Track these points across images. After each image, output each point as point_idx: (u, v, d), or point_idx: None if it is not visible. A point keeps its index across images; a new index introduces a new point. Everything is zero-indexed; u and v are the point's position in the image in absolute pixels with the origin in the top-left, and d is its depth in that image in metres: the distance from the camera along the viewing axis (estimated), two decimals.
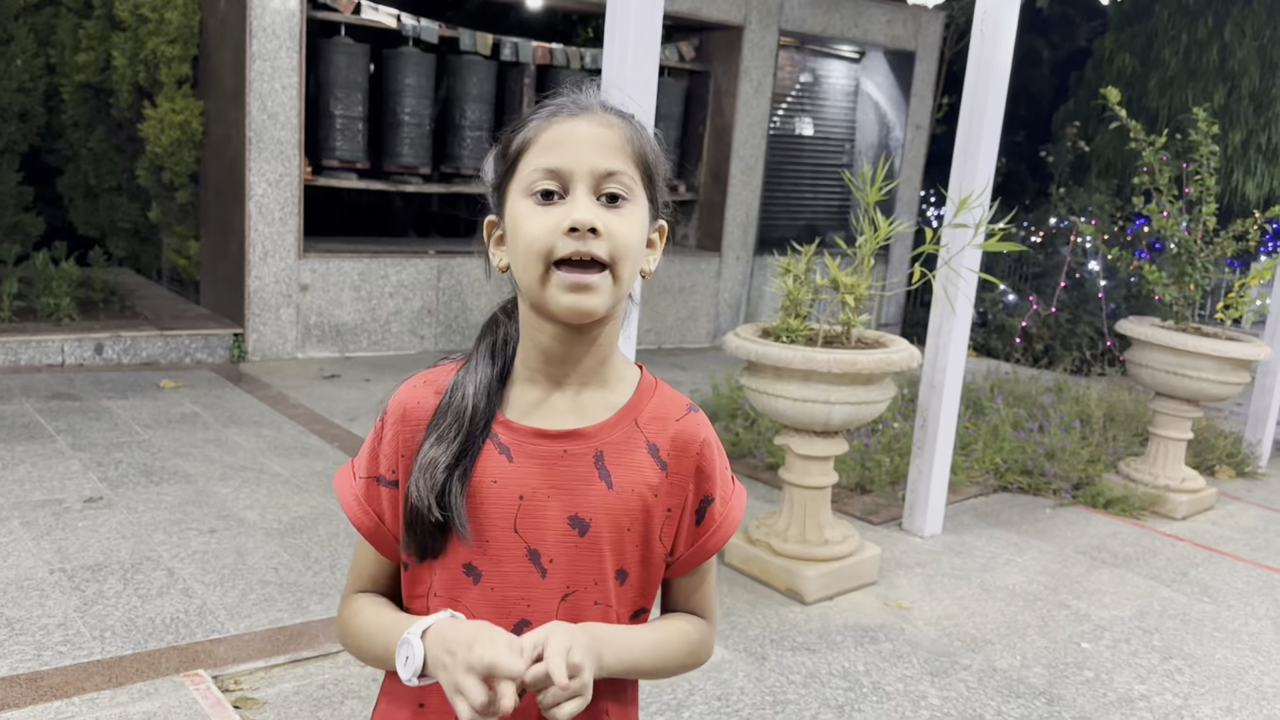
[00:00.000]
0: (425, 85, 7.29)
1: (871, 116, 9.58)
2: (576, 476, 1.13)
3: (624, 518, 1.14)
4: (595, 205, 1.07)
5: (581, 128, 1.09)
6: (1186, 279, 4.91)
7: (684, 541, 1.20)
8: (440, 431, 1.12)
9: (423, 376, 1.19)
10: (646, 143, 1.13)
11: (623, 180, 1.09)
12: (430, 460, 1.10)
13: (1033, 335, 8.88)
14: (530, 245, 1.07)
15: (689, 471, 1.18)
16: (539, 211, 1.07)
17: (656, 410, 1.18)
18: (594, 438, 1.14)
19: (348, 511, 1.18)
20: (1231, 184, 10.19)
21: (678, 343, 8.45)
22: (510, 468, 1.12)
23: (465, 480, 1.11)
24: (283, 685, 2.79)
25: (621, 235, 1.08)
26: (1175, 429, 4.97)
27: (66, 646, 2.87)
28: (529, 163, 1.09)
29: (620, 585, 1.16)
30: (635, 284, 1.16)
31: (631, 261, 1.10)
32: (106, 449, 4.56)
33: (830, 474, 3.70)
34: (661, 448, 1.17)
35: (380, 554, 1.19)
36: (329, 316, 6.85)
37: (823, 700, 2.94)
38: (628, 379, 1.19)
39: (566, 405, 1.15)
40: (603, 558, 1.14)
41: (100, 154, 8.13)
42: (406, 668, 1.06)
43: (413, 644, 1.06)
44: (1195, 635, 3.60)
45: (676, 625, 1.23)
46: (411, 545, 1.13)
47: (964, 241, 3.84)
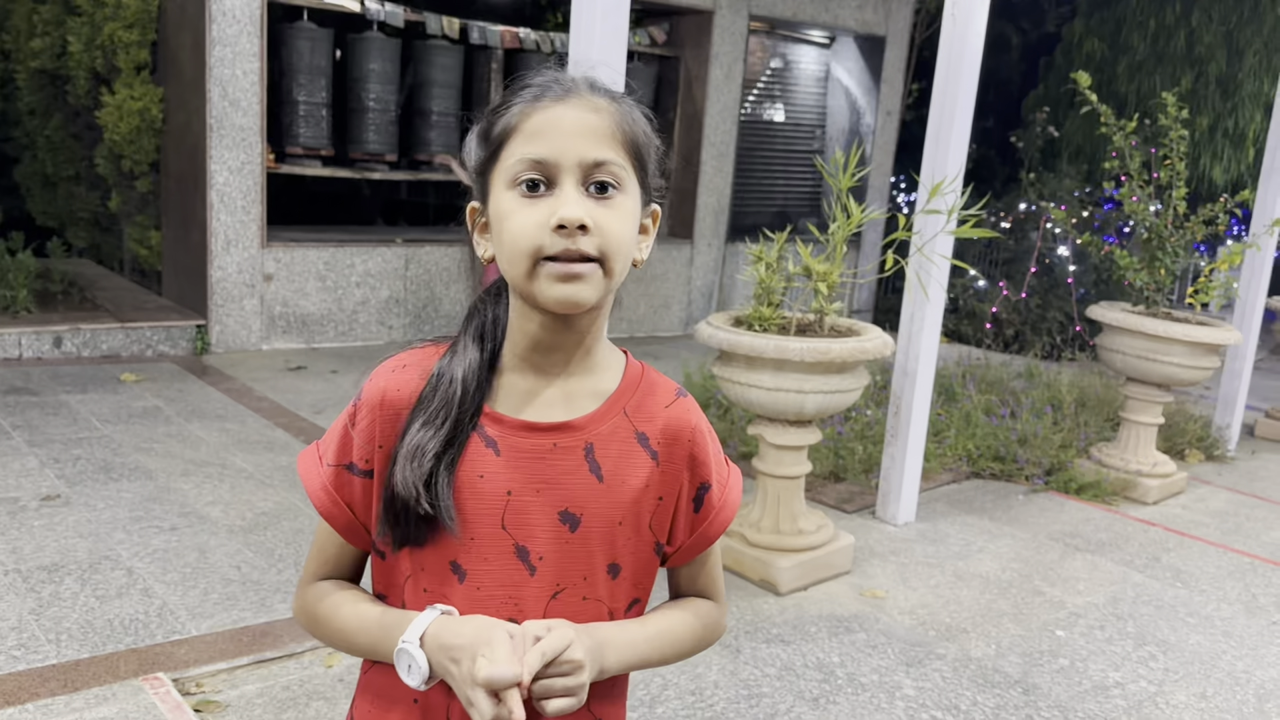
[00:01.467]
0: (391, 70, 7.17)
1: (842, 102, 9.55)
2: (566, 471, 1.09)
3: (615, 511, 1.11)
4: (583, 197, 1.02)
5: (568, 114, 1.03)
6: (1157, 264, 4.91)
7: (683, 530, 1.17)
8: (428, 416, 1.06)
9: (402, 359, 1.13)
10: (637, 126, 1.07)
11: (612, 170, 1.03)
12: (418, 445, 1.05)
13: (1003, 321, 8.91)
14: (517, 242, 1.02)
15: (682, 460, 1.15)
16: (525, 205, 1.02)
17: (645, 397, 1.14)
18: (583, 430, 1.10)
19: (314, 500, 1.12)
20: (1199, 169, 10.26)
21: (650, 331, 8.40)
22: (498, 462, 1.08)
23: (453, 470, 1.06)
24: (246, 687, 2.72)
25: (611, 230, 1.03)
26: (1146, 414, 4.98)
27: (20, 650, 2.78)
28: (513, 151, 1.03)
29: (613, 579, 1.13)
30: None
31: (623, 255, 1.05)
32: (64, 445, 4.45)
33: (804, 463, 3.66)
34: (652, 436, 1.13)
35: (346, 542, 1.14)
36: (294, 307, 6.73)
37: (797, 693, 2.91)
38: (614, 366, 1.15)
39: (554, 396, 1.11)
40: (593, 553, 1.10)
41: (57, 142, 7.95)
42: (413, 676, 1.02)
43: (413, 654, 1.02)
44: (1168, 621, 3.60)
45: (678, 612, 1.21)
46: (390, 534, 1.08)
47: (937, 228, 3.81)
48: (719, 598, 1.25)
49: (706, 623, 1.22)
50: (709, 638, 1.23)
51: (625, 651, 1.11)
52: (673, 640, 1.18)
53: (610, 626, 1.11)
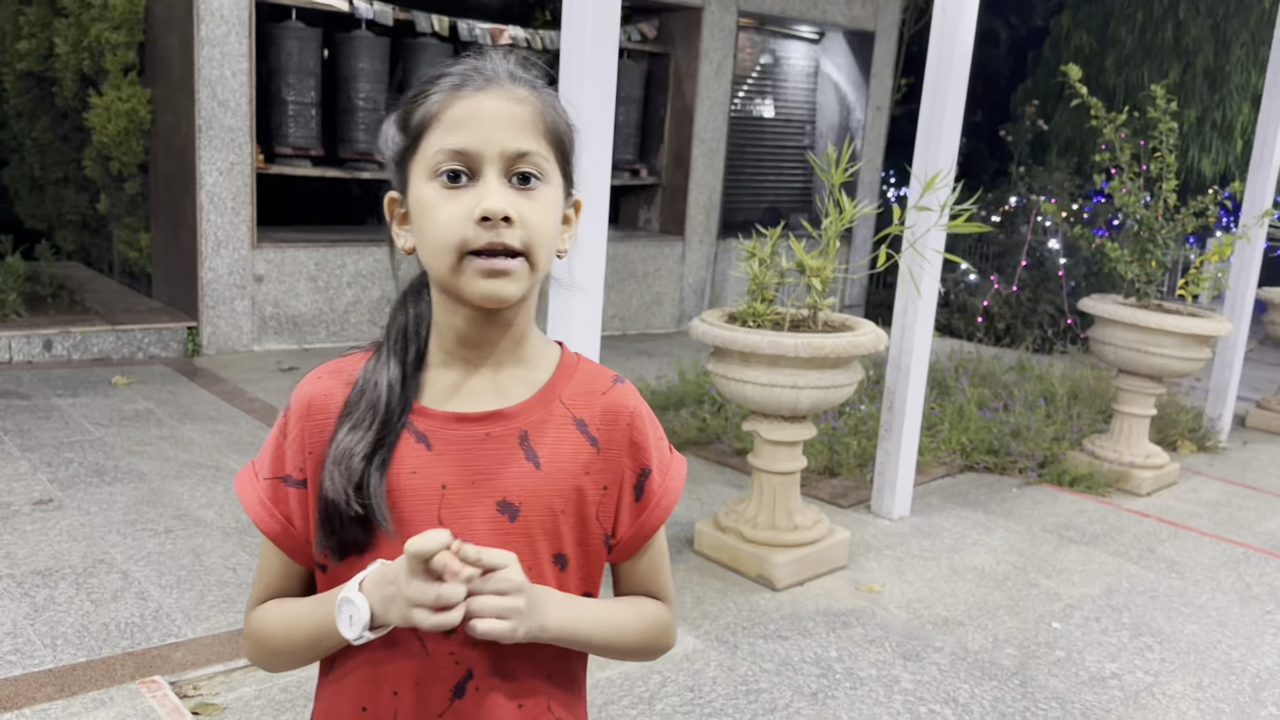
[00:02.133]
0: (380, 70, 7.15)
1: (832, 98, 9.55)
2: (501, 460, 1.07)
3: (555, 499, 1.08)
4: (506, 189, 1.01)
5: (489, 104, 1.01)
6: (1148, 256, 4.93)
7: (625, 520, 1.14)
8: (354, 420, 1.05)
9: (327, 367, 1.12)
10: (559, 116, 1.06)
11: (534, 160, 1.02)
12: (345, 450, 1.03)
13: (994, 314, 8.93)
14: (440, 235, 1.00)
15: (621, 445, 1.12)
16: (447, 197, 1.00)
17: (581, 385, 1.13)
18: (516, 418, 1.08)
19: (252, 515, 1.10)
20: (1188, 161, 10.29)
21: (642, 328, 8.39)
22: (430, 456, 1.06)
23: (384, 471, 1.04)
24: (243, 690, 2.71)
25: (535, 221, 1.01)
26: (1138, 405, 5.00)
27: (16, 656, 2.77)
28: (433, 142, 1.01)
29: (561, 571, 1.10)
30: (581, 266, 1.11)
31: (547, 247, 1.04)
32: (56, 449, 4.43)
33: (799, 459, 3.67)
34: (590, 422, 1.11)
35: (289, 559, 1.12)
36: (285, 308, 6.71)
37: (796, 688, 2.91)
38: (548, 357, 1.14)
39: (485, 386, 1.09)
40: (535, 543, 1.08)
41: (45, 144, 7.91)
42: (354, 625, 1.00)
43: (354, 600, 1.00)
44: (1164, 611, 3.61)
45: (628, 603, 1.18)
46: (329, 544, 1.06)
47: (929, 223, 3.81)
48: (669, 600, 1.21)
49: (655, 619, 1.18)
50: (660, 638, 1.19)
51: (567, 615, 1.07)
52: (617, 625, 1.14)
53: (550, 590, 1.08)
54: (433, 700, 1.07)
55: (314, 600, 1.09)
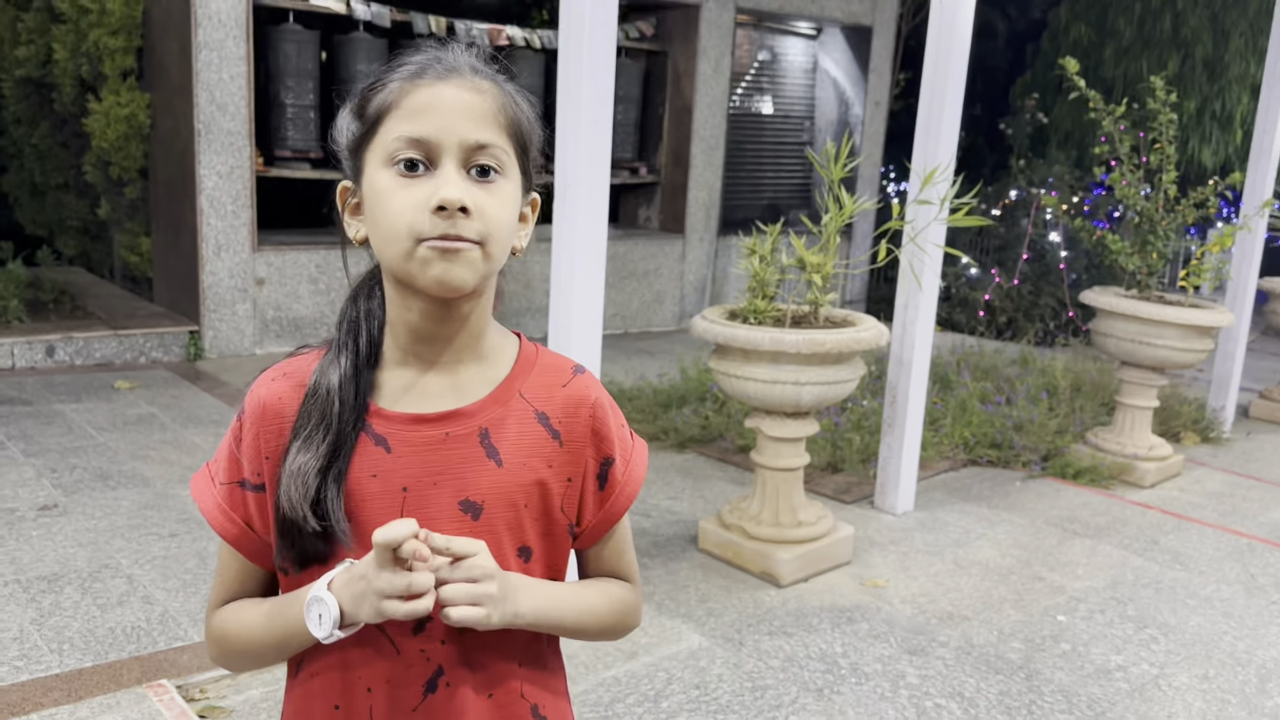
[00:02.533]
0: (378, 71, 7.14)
1: (830, 93, 9.55)
2: (462, 459, 1.06)
3: (518, 495, 1.08)
4: (464, 180, 0.99)
5: (449, 93, 1.00)
6: (1149, 247, 4.92)
7: (590, 508, 1.14)
8: (307, 434, 1.03)
9: (280, 368, 1.10)
10: (520, 111, 1.05)
11: (494, 153, 1.01)
12: (299, 467, 1.02)
13: (996, 308, 8.92)
14: (394, 223, 0.99)
15: (584, 436, 1.12)
16: (403, 184, 0.99)
17: (541, 378, 1.12)
18: (476, 415, 1.07)
19: (210, 520, 1.10)
20: (1188, 152, 10.28)
21: (643, 327, 8.39)
22: (389, 459, 1.05)
23: (341, 482, 1.03)
24: (249, 692, 2.71)
25: (492, 213, 1.00)
26: (1141, 397, 5.00)
27: (23, 661, 2.78)
28: (390, 129, 1.00)
29: (525, 562, 1.10)
30: (582, 260, 1.10)
31: (503, 240, 1.03)
32: (60, 454, 4.44)
33: (802, 455, 3.67)
34: (552, 415, 1.10)
35: (249, 561, 1.11)
36: (287, 310, 6.72)
37: (802, 684, 2.91)
38: (506, 351, 1.13)
39: (443, 385, 1.08)
40: (500, 539, 1.07)
41: (45, 150, 7.92)
42: (324, 624, 0.99)
43: (324, 599, 0.99)
44: (1168, 603, 3.61)
45: (596, 583, 1.19)
46: (289, 555, 1.05)
47: (930, 217, 3.81)
48: (633, 579, 1.22)
49: (621, 599, 1.19)
50: (626, 617, 1.20)
51: (540, 599, 1.07)
52: (588, 607, 1.14)
53: (521, 576, 1.08)
54: (405, 697, 1.07)
55: (280, 600, 1.08)
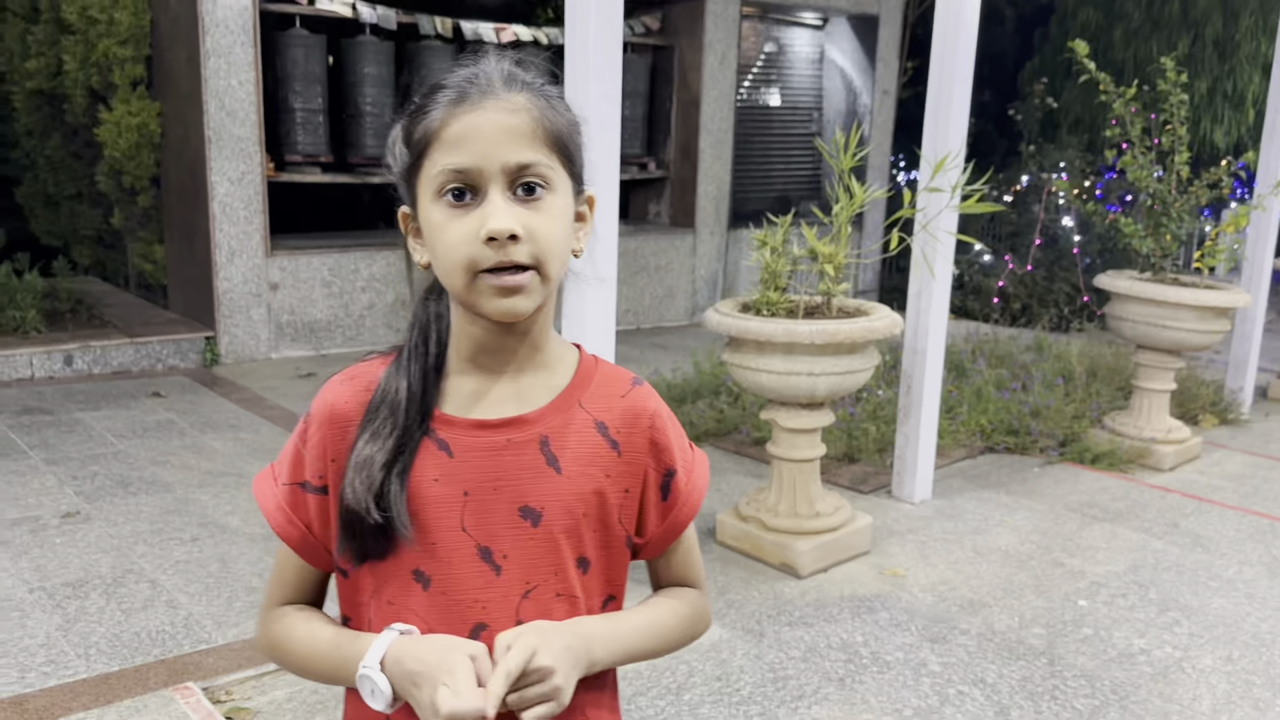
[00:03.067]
0: (386, 74, 7.17)
1: (838, 84, 9.52)
2: (522, 466, 1.07)
3: (577, 504, 1.08)
4: (511, 203, 1.00)
5: (486, 119, 1.00)
6: (1163, 230, 4.90)
7: (653, 520, 1.15)
8: (375, 428, 1.05)
9: (348, 373, 1.12)
10: (559, 118, 1.05)
11: (538, 170, 1.01)
12: (366, 458, 1.04)
13: (1010, 294, 8.89)
14: (450, 256, 1.01)
15: (643, 448, 1.13)
16: (453, 217, 1.00)
17: (600, 388, 1.13)
18: (537, 423, 1.08)
19: (270, 520, 1.11)
20: (1200, 133, 10.21)
21: (656, 322, 8.40)
22: (451, 463, 1.06)
23: (404, 478, 1.04)
24: (275, 693, 2.74)
25: (543, 234, 1.01)
26: (1158, 380, 4.98)
27: (51, 667, 2.80)
28: (435, 161, 1.01)
29: (583, 574, 1.11)
30: (603, 259, 1.10)
31: (558, 257, 1.04)
32: (81, 462, 4.47)
33: (818, 446, 3.67)
34: (610, 425, 1.11)
35: (306, 563, 1.12)
36: (301, 315, 6.75)
37: (823, 674, 2.92)
38: (567, 360, 1.14)
39: (505, 393, 1.09)
40: (559, 548, 1.08)
41: (58, 161, 7.97)
42: (377, 700, 1.01)
43: (374, 679, 1.01)
44: (1190, 586, 3.60)
45: (665, 602, 1.19)
46: (349, 550, 1.07)
47: (941, 205, 3.80)
48: (700, 585, 1.24)
49: (693, 611, 1.21)
50: (698, 627, 1.22)
51: (614, 644, 1.09)
52: (662, 631, 1.16)
53: (597, 620, 1.10)
54: None
55: (333, 644, 1.09)
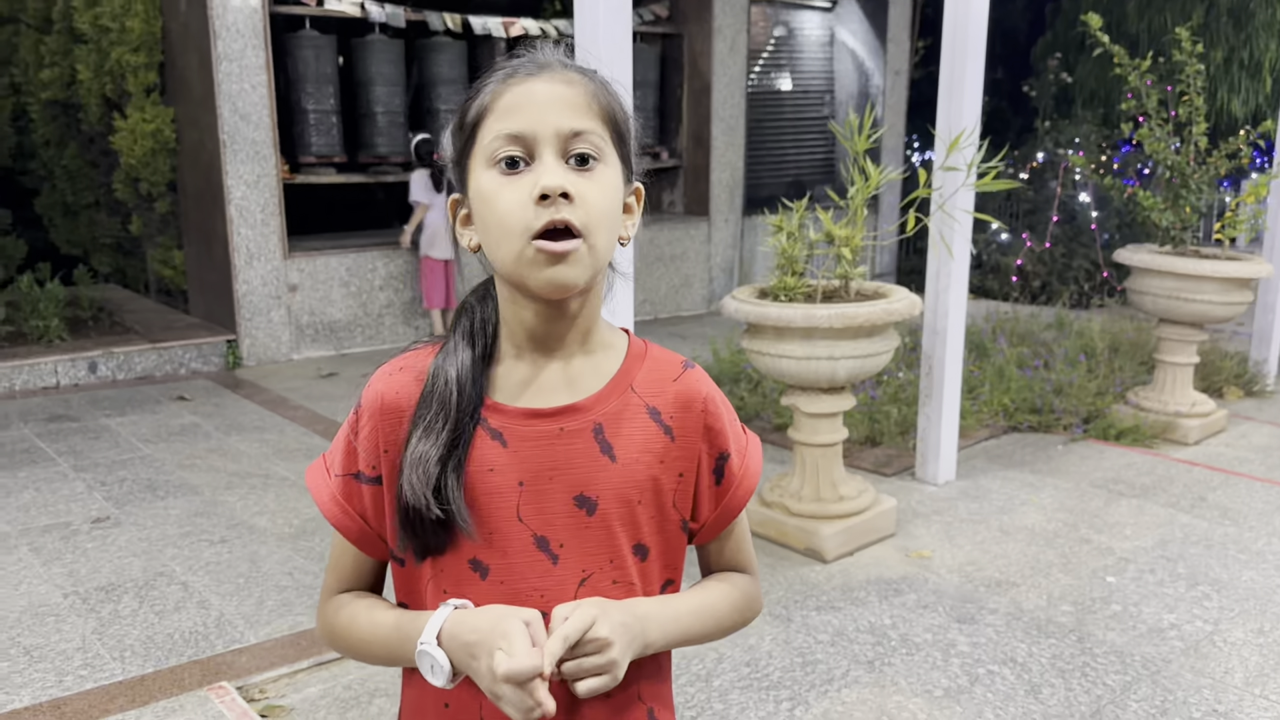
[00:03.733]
0: (396, 72, 7.19)
1: (849, 65, 9.47)
2: (577, 454, 1.07)
3: (632, 491, 1.08)
4: (564, 168, 1.00)
5: (541, 86, 1.01)
6: (1182, 202, 4.85)
7: (706, 504, 1.14)
8: (427, 423, 1.05)
9: (398, 363, 1.11)
10: (613, 99, 1.06)
11: (591, 140, 1.01)
12: (421, 455, 1.04)
13: (1029, 273, 8.83)
14: (503, 221, 1.00)
15: (696, 432, 1.12)
16: (506, 183, 1.00)
17: (651, 373, 1.12)
18: (590, 410, 1.08)
19: (325, 512, 1.11)
20: (1217, 103, 10.09)
21: (673, 311, 8.40)
22: (506, 453, 1.06)
23: (460, 472, 1.04)
24: (308, 690, 2.76)
25: (594, 200, 1.00)
26: (1181, 354, 4.94)
27: (87, 670, 2.84)
28: (488, 130, 1.01)
29: (642, 561, 1.11)
30: (619, 253, 1.10)
31: (607, 228, 1.03)
32: (109, 467, 4.52)
33: (840, 430, 3.66)
34: (663, 411, 1.10)
35: (363, 553, 1.13)
36: (321, 315, 6.79)
37: (852, 657, 2.92)
38: (616, 346, 1.13)
39: (556, 380, 1.08)
40: (615, 535, 1.08)
41: (75, 170, 8.04)
42: (437, 676, 1.01)
43: (433, 654, 1.01)
44: (1219, 559, 3.58)
45: (718, 586, 1.19)
46: (410, 545, 1.07)
47: (956, 184, 3.78)
48: (752, 570, 1.23)
49: (745, 596, 1.20)
50: (750, 611, 1.21)
51: (669, 625, 1.09)
52: (715, 614, 1.16)
53: (651, 601, 1.10)
54: None
55: (393, 624, 1.09)
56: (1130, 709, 2.66)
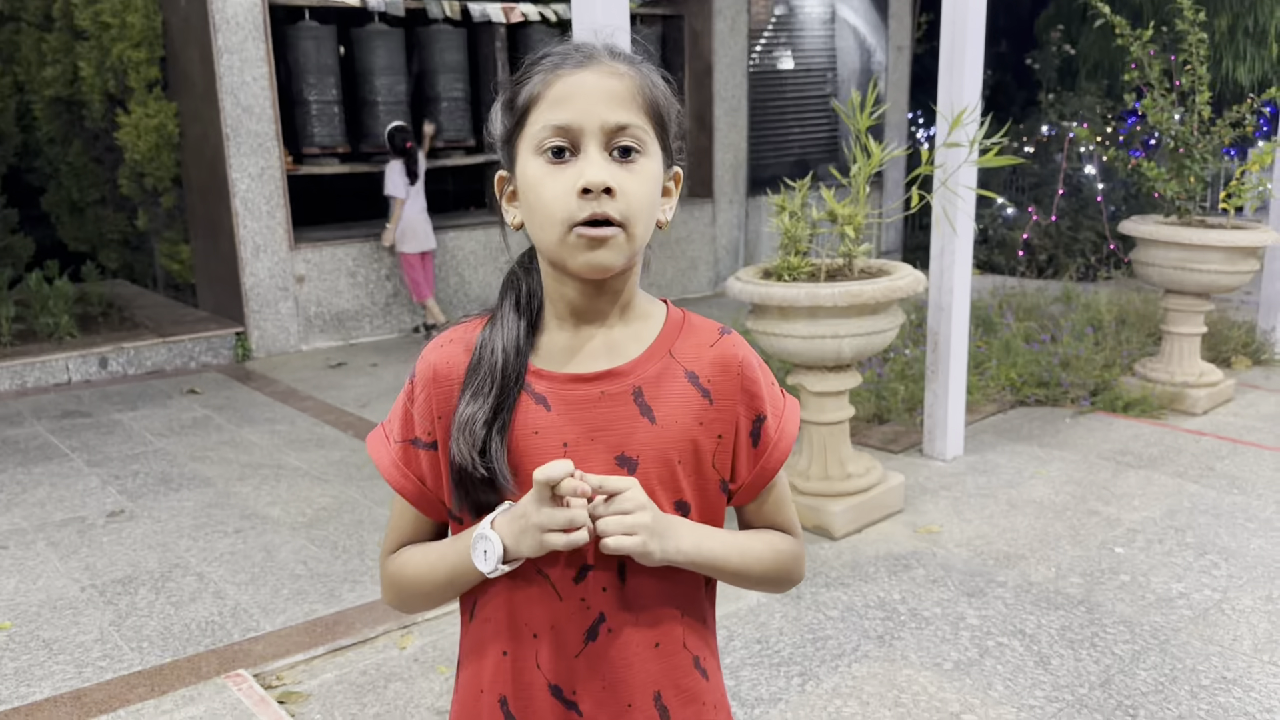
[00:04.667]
0: (397, 61, 7.19)
1: (851, 43, 9.43)
2: (618, 416, 1.12)
3: (672, 451, 1.13)
4: (607, 162, 1.05)
5: (589, 80, 1.06)
6: (1186, 172, 4.84)
7: (744, 466, 1.18)
8: (475, 387, 1.12)
9: (447, 335, 1.18)
10: (658, 90, 1.10)
11: (634, 134, 1.06)
12: (468, 417, 1.10)
13: (1035, 246, 8.80)
14: (547, 209, 1.06)
15: (734, 394, 1.16)
16: (551, 172, 1.05)
17: (690, 338, 1.17)
18: (630, 374, 1.13)
19: (386, 476, 1.18)
20: (1222, 71, 10.02)
21: (679, 294, 8.40)
22: (550, 417, 1.12)
23: (504, 434, 1.10)
24: (325, 676, 2.80)
25: (635, 193, 1.06)
26: (1188, 324, 4.93)
27: (106, 661, 2.88)
28: (537, 119, 1.06)
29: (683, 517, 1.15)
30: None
31: (645, 219, 1.08)
32: (123, 462, 4.56)
33: (846, 408, 3.67)
34: (701, 374, 1.15)
35: (421, 514, 1.20)
36: (328, 305, 6.81)
37: (862, 632, 2.94)
38: (654, 315, 1.18)
39: (597, 348, 1.14)
40: (655, 493, 1.13)
41: (80, 167, 8.07)
42: (489, 559, 1.07)
43: (488, 536, 1.07)
44: (1228, 528, 3.59)
45: (761, 532, 1.23)
46: (465, 504, 1.13)
47: (960, 160, 3.78)
48: (795, 531, 1.26)
49: (782, 549, 1.23)
50: (790, 567, 1.24)
51: (699, 537, 1.13)
52: (750, 549, 1.19)
53: (679, 518, 1.14)
54: (568, 643, 1.13)
55: (449, 541, 1.17)
56: (1139, 678, 2.68)
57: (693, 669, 1.19)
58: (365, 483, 4.22)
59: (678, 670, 1.17)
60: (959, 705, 2.58)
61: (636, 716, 1.15)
